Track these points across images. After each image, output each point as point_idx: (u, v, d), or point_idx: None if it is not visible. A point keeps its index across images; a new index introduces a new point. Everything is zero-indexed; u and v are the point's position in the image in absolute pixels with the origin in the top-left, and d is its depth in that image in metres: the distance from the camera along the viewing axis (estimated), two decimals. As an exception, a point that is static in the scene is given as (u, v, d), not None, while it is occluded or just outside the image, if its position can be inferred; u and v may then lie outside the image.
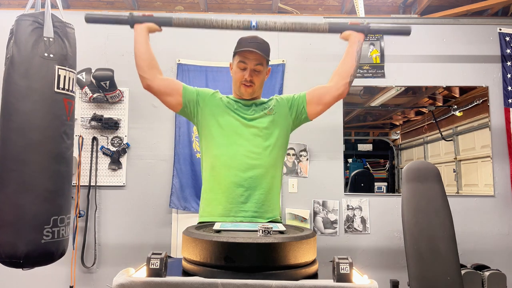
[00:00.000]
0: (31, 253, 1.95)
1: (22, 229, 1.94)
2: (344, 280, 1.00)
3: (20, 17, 2.08)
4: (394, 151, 3.69)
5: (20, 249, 1.93)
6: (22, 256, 1.93)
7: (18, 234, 1.94)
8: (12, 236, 1.94)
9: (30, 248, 1.95)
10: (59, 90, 2.10)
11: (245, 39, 1.78)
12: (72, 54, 2.20)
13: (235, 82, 1.82)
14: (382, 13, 3.80)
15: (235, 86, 1.84)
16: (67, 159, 2.15)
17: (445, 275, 2.41)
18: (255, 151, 1.71)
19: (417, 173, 2.64)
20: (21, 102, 2.01)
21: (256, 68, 1.76)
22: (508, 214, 3.40)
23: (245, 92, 1.78)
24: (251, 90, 1.78)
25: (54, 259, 2.08)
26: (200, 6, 3.66)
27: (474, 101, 3.56)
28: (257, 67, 1.76)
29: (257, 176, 1.68)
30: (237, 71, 1.80)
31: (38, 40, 2.05)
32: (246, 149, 1.71)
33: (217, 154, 1.73)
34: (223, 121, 1.77)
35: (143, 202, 3.42)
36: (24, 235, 1.94)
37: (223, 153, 1.72)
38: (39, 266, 2.04)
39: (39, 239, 1.97)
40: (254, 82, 1.77)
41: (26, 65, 2.03)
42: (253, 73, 1.76)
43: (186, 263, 1.14)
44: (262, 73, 1.80)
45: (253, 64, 1.75)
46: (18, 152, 1.99)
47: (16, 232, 1.93)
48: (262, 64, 1.77)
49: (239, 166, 1.68)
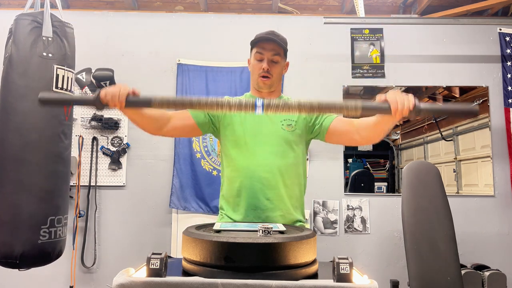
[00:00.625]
0: (28, 253, 1.94)
1: (19, 229, 1.94)
2: (344, 280, 1.00)
3: (19, 16, 2.08)
4: (394, 151, 3.68)
5: (17, 249, 1.92)
6: (18, 256, 1.92)
7: (14, 234, 1.93)
8: (9, 236, 1.94)
9: (27, 248, 1.94)
10: (58, 89, 2.09)
11: (262, 33, 1.76)
12: (71, 54, 2.20)
13: (253, 76, 1.77)
14: (382, 13, 3.80)
15: (253, 81, 1.78)
16: (65, 159, 2.15)
17: (445, 275, 2.41)
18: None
19: (417, 173, 2.64)
20: (19, 102, 2.01)
21: (274, 59, 1.71)
22: (508, 214, 3.40)
23: (263, 84, 1.72)
24: (269, 82, 1.72)
25: (51, 260, 2.07)
26: (200, 6, 3.66)
27: (474, 101, 3.56)
28: (275, 58, 1.71)
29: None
30: (255, 63, 1.74)
31: (37, 39, 2.05)
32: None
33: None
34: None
35: (143, 202, 3.42)
36: (21, 235, 1.93)
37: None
38: (35, 267, 2.03)
39: (36, 239, 1.96)
40: (271, 74, 1.71)
41: (24, 64, 2.03)
42: (270, 63, 1.71)
43: (186, 263, 1.14)
44: (280, 65, 1.74)
45: (271, 54, 1.71)
46: (16, 152, 1.99)
47: (13, 232, 1.93)
48: (279, 55, 1.73)
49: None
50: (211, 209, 3.32)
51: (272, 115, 1.71)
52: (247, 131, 1.70)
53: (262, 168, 1.65)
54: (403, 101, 1.27)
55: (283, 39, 1.75)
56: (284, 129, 1.70)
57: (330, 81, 3.53)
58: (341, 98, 3.52)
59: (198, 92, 3.50)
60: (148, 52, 3.56)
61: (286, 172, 1.67)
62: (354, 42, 3.60)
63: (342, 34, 3.59)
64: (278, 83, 1.79)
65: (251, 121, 1.71)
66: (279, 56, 1.73)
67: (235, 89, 3.49)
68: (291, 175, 1.69)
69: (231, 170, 1.70)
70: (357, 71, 3.56)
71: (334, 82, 3.53)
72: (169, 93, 3.53)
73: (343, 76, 3.55)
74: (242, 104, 1.28)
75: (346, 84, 3.55)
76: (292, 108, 1.32)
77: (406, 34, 3.59)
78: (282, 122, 1.71)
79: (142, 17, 3.63)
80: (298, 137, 1.73)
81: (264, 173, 1.64)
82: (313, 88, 3.52)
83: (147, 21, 3.61)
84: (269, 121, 1.71)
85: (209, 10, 3.74)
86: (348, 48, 3.59)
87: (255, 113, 1.27)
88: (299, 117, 1.74)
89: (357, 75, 3.56)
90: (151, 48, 3.57)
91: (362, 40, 3.60)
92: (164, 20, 3.62)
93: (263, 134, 1.69)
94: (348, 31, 3.59)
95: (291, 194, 1.68)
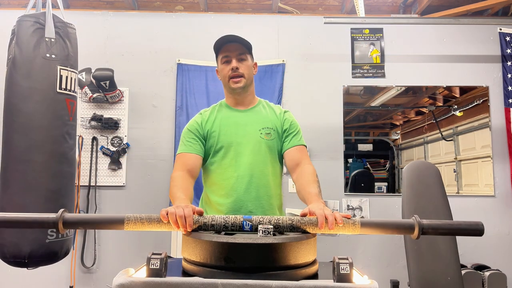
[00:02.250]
0: (35, 253, 1.97)
1: (26, 229, 1.95)
2: (344, 280, 1.00)
3: (22, 17, 2.08)
4: (394, 151, 3.68)
5: (25, 249, 1.95)
6: (26, 256, 1.95)
7: (22, 234, 1.95)
8: (16, 236, 1.96)
9: (34, 247, 1.97)
10: (61, 90, 2.10)
11: (221, 38, 1.71)
12: (73, 54, 2.20)
13: (224, 81, 1.72)
14: (382, 12, 3.80)
15: (225, 87, 1.74)
16: (70, 159, 2.16)
17: (445, 275, 2.41)
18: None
19: (417, 173, 2.64)
20: (23, 103, 2.02)
21: (241, 57, 1.68)
22: (508, 214, 3.40)
23: (237, 86, 1.68)
24: (242, 82, 1.68)
25: (59, 259, 2.09)
26: (200, 6, 3.66)
27: (474, 101, 3.56)
28: (241, 56, 1.69)
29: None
30: (223, 67, 1.70)
31: (40, 40, 2.06)
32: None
33: None
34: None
35: (143, 202, 3.42)
36: (28, 235, 1.96)
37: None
38: (43, 265, 2.06)
39: (43, 238, 1.99)
40: (243, 73, 1.68)
41: (28, 65, 2.04)
42: (238, 62, 1.67)
43: (186, 263, 1.14)
44: (248, 63, 1.70)
45: (236, 54, 1.68)
46: (21, 153, 2.00)
47: (20, 232, 1.94)
48: (245, 54, 1.70)
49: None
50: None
51: (250, 124, 1.71)
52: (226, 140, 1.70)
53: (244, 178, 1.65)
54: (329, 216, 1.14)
55: (245, 41, 1.71)
56: (263, 138, 1.70)
57: (330, 81, 3.53)
58: (341, 98, 3.52)
59: (198, 92, 3.50)
60: (148, 52, 3.57)
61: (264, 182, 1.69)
62: (354, 42, 3.60)
63: (342, 34, 3.59)
64: (251, 83, 1.75)
65: (229, 131, 1.71)
66: (245, 55, 1.70)
67: (235, 89, 3.49)
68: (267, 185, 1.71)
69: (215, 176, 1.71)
70: (357, 71, 3.56)
71: (334, 82, 3.53)
72: (169, 93, 3.53)
73: (343, 76, 3.55)
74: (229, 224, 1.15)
75: (346, 84, 3.55)
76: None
77: (406, 34, 3.59)
78: (260, 130, 1.71)
79: (142, 17, 3.63)
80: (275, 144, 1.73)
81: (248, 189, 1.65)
82: (313, 88, 3.52)
83: (147, 21, 3.61)
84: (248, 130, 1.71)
85: (209, 10, 3.74)
86: (348, 48, 3.59)
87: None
88: (275, 127, 1.73)
89: (357, 75, 3.56)
90: (151, 48, 3.57)
91: (362, 40, 3.60)
92: (164, 20, 3.62)
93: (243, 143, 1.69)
94: (348, 31, 3.59)
95: (270, 202, 1.71)
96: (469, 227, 1.13)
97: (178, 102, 3.48)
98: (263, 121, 1.73)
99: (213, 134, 1.71)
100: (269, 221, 1.14)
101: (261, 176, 1.67)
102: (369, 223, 1.14)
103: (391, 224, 1.14)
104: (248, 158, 1.66)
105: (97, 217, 1.20)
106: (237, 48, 1.69)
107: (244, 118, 1.73)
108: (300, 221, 1.15)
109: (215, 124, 1.72)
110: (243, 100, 1.75)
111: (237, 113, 1.75)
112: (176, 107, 3.48)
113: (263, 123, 1.72)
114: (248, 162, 1.66)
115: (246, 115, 1.75)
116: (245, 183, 1.65)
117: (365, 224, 1.12)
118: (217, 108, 1.79)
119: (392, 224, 1.15)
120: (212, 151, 1.70)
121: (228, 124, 1.72)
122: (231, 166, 1.67)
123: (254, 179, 1.66)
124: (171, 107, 3.51)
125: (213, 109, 1.79)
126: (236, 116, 1.74)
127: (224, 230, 1.16)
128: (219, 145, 1.69)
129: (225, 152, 1.68)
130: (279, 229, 1.15)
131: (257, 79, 3.59)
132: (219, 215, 1.18)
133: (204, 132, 1.72)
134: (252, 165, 1.66)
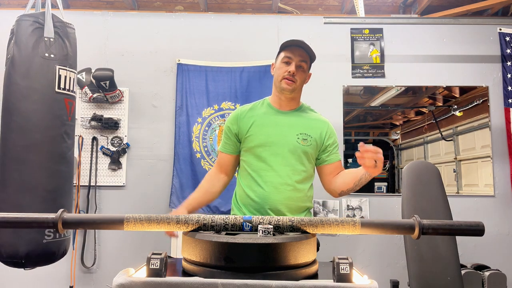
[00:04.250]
0: (33, 253, 1.96)
1: (23, 229, 1.95)
2: (344, 280, 1.00)
3: (21, 17, 2.08)
4: (394, 151, 3.68)
5: (22, 249, 1.94)
6: (23, 256, 1.94)
7: (19, 234, 1.94)
8: (14, 236, 1.95)
9: (31, 248, 1.95)
10: (60, 90, 2.10)
11: (291, 40, 1.77)
12: (72, 54, 2.20)
13: (277, 78, 1.77)
14: (382, 12, 3.80)
15: (276, 83, 1.79)
16: (68, 159, 2.15)
17: (445, 275, 2.41)
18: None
19: (417, 173, 2.64)
20: (22, 102, 2.02)
21: (301, 65, 1.74)
22: (508, 214, 3.40)
23: (287, 86, 1.73)
24: (292, 86, 1.73)
25: (56, 259, 2.08)
26: (200, 6, 3.66)
27: (474, 101, 3.56)
28: (302, 64, 1.74)
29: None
30: (281, 66, 1.75)
31: (39, 40, 2.05)
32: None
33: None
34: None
35: (143, 202, 3.41)
36: (25, 235, 1.95)
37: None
38: (41, 266, 2.04)
39: (41, 239, 1.98)
40: (296, 79, 1.73)
41: (27, 65, 2.03)
42: (297, 68, 1.73)
43: (186, 263, 1.14)
44: (304, 72, 1.76)
45: (298, 60, 1.73)
46: (19, 152, 2.00)
47: (17, 232, 1.93)
48: (306, 63, 1.76)
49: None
50: (211, 209, 3.32)
51: (288, 128, 1.77)
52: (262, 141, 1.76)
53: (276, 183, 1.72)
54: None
55: (311, 51, 1.76)
56: (299, 143, 1.75)
57: (330, 81, 3.53)
58: (341, 98, 3.52)
59: (198, 92, 3.50)
60: (148, 52, 3.56)
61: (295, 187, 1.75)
62: (354, 42, 3.60)
63: (342, 34, 3.59)
64: (299, 90, 1.81)
65: (266, 132, 1.76)
66: (306, 64, 1.76)
67: (235, 89, 3.49)
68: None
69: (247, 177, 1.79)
70: (357, 71, 3.56)
71: (334, 82, 3.53)
72: (169, 93, 3.53)
73: (343, 76, 3.55)
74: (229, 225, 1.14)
75: (346, 84, 3.55)
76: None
77: (406, 34, 3.59)
78: (298, 135, 1.76)
79: (142, 17, 3.63)
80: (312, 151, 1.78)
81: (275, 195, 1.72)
82: (313, 88, 3.51)
83: (147, 21, 3.61)
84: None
85: (209, 10, 3.74)
86: (348, 48, 3.59)
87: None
88: (314, 134, 1.79)
89: (357, 75, 3.56)
90: (151, 48, 3.57)
91: (362, 40, 3.60)
92: (164, 20, 3.62)
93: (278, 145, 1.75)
94: (348, 31, 3.59)
95: (296, 205, 1.75)
96: (469, 227, 1.12)
97: (178, 102, 3.48)
98: (302, 127, 1.78)
99: (250, 131, 1.77)
100: (269, 222, 1.14)
101: (292, 178, 1.72)
102: (369, 223, 1.13)
103: (391, 224, 1.14)
104: (282, 160, 1.72)
105: (97, 217, 1.19)
106: (301, 54, 1.73)
107: (284, 119, 1.79)
108: (300, 222, 1.15)
109: (254, 122, 1.78)
110: (287, 103, 1.81)
111: (279, 113, 1.81)
112: (176, 107, 3.47)
113: (302, 128, 1.77)
114: (282, 164, 1.72)
115: (286, 117, 1.80)
116: (277, 184, 1.71)
117: (365, 224, 1.12)
118: (258, 106, 1.85)
119: (392, 224, 1.14)
120: (248, 147, 1.77)
121: (267, 124, 1.77)
122: (265, 166, 1.73)
123: (285, 179, 1.71)
124: (171, 107, 3.51)
125: (254, 105, 1.86)
126: (277, 116, 1.79)
127: (224, 231, 1.16)
128: (256, 142, 1.75)
129: (261, 151, 1.74)
130: (279, 230, 1.15)
131: (257, 79, 3.60)
132: (218, 216, 1.18)
133: (240, 130, 1.79)
134: (285, 166, 1.72)
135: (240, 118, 1.81)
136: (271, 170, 1.72)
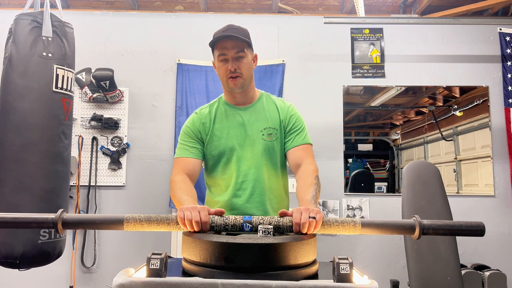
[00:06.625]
0: (28, 254, 1.94)
1: (19, 230, 1.93)
2: (344, 280, 1.00)
3: (19, 16, 2.08)
4: (394, 151, 3.68)
5: (17, 250, 1.92)
6: (18, 257, 1.92)
7: (14, 234, 1.93)
8: (9, 236, 1.93)
9: (27, 248, 1.94)
10: (57, 89, 2.09)
11: (218, 31, 1.61)
12: (70, 54, 2.19)
13: (222, 79, 1.65)
14: (382, 12, 3.80)
15: (223, 83, 1.67)
16: (65, 159, 2.14)
17: (445, 275, 2.41)
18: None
19: (417, 173, 2.64)
20: (19, 101, 2.01)
21: (239, 55, 1.58)
22: (508, 214, 3.40)
23: (234, 85, 1.62)
24: (240, 82, 1.61)
25: (51, 260, 2.06)
26: (200, 6, 3.66)
27: (474, 101, 3.56)
28: (239, 54, 1.58)
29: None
30: (220, 65, 1.61)
31: (37, 39, 2.05)
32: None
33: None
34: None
35: (143, 202, 3.41)
36: (21, 235, 1.93)
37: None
38: (35, 267, 2.03)
39: (36, 239, 1.96)
40: (240, 72, 1.60)
41: (24, 64, 2.02)
42: (236, 61, 1.58)
43: (186, 263, 1.14)
44: (247, 60, 1.61)
45: (234, 52, 1.58)
46: (15, 152, 1.99)
47: (13, 232, 1.92)
48: (243, 51, 1.59)
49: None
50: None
51: (251, 125, 1.68)
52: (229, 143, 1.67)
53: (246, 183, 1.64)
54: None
55: (243, 32, 1.62)
56: (265, 139, 1.66)
57: (330, 81, 3.53)
58: (341, 98, 3.52)
59: (198, 92, 3.50)
60: (148, 52, 3.56)
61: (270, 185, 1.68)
62: (354, 42, 3.59)
63: (342, 34, 3.59)
64: (250, 80, 1.68)
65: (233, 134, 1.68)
66: (244, 52, 1.60)
67: (235, 89, 3.49)
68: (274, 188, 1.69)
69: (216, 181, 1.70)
70: (357, 71, 3.56)
71: (334, 82, 3.53)
72: (169, 93, 3.53)
73: (343, 76, 3.55)
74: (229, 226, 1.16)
75: (346, 84, 3.54)
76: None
77: (406, 34, 3.59)
78: (262, 131, 1.67)
79: (142, 17, 3.63)
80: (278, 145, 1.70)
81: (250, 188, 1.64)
82: (313, 88, 3.52)
83: (147, 21, 3.61)
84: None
85: (209, 10, 3.74)
86: (348, 48, 3.58)
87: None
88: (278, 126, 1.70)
89: (357, 75, 3.56)
90: (151, 48, 3.57)
91: (362, 40, 3.59)
92: (164, 20, 3.62)
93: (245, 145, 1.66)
94: (348, 31, 3.59)
95: (275, 206, 1.68)
96: (470, 227, 1.12)
97: (178, 102, 3.48)
98: (265, 120, 1.69)
99: (213, 136, 1.67)
100: (269, 222, 1.14)
101: (263, 180, 1.65)
102: (370, 223, 1.13)
103: (392, 224, 1.14)
104: (250, 162, 1.64)
105: (96, 217, 1.19)
106: (235, 45, 1.58)
107: (245, 117, 1.69)
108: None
109: (215, 126, 1.68)
110: (242, 98, 1.71)
111: (238, 111, 1.70)
112: (176, 107, 3.47)
113: (264, 123, 1.68)
114: (250, 167, 1.64)
115: (246, 113, 1.70)
116: (249, 189, 1.63)
117: (366, 224, 1.12)
118: (215, 106, 1.74)
119: (393, 224, 1.14)
120: (213, 154, 1.68)
121: (228, 126, 1.68)
122: (233, 172, 1.65)
123: (257, 183, 1.63)
124: (171, 107, 3.50)
125: (211, 107, 1.74)
126: (236, 115, 1.70)
127: (224, 231, 1.16)
128: (221, 148, 1.66)
129: (227, 157, 1.66)
130: (279, 230, 1.15)
131: (257, 79, 3.57)
132: (218, 217, 1.18)
133: (202, 133, 1.68)
134: (254, 169, 1.64)
135: (201, 122, 1.69)
136: (242, 176, 1.63)
